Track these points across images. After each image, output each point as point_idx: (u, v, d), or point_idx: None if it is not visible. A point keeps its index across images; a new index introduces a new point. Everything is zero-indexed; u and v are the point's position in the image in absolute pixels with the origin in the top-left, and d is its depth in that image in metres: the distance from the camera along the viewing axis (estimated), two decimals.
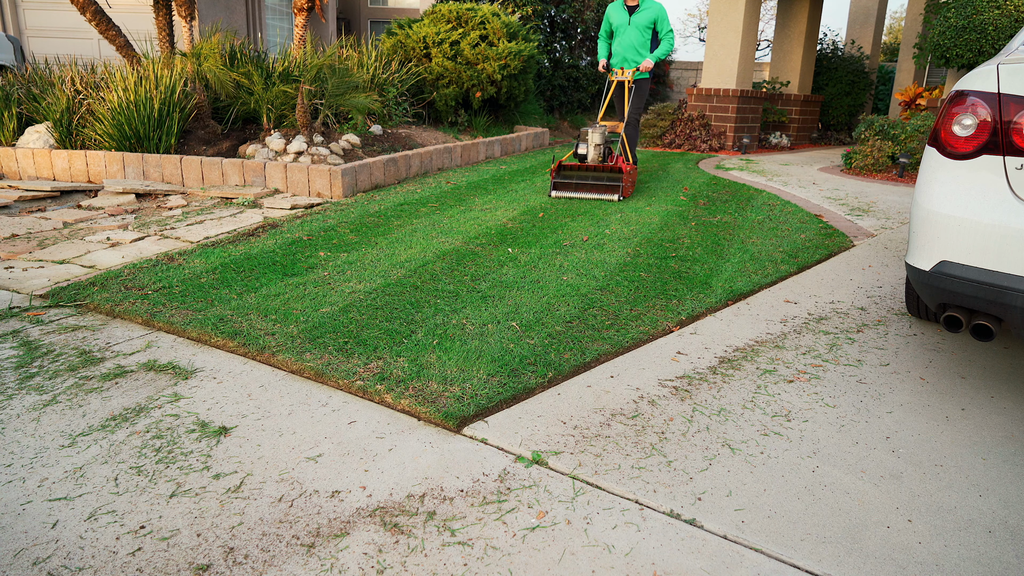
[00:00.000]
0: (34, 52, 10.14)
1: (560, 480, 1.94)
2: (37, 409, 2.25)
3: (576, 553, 1.66)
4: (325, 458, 2.02)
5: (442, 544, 1.68)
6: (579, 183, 5.57)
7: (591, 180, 5.57)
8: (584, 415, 2.29)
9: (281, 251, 3.99)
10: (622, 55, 6.16)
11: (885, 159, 7.75)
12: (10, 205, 4.97)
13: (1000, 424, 2.31)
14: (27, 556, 1.60)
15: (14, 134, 6.07)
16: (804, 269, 4.00)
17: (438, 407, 2.28)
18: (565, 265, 3.84)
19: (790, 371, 2.67)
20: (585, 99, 13.10)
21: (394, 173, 6.25)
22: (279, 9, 12.20)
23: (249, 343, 2.73)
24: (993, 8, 7.42)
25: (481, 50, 8.35)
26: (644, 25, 6.01)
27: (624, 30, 6.09)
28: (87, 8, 6.26)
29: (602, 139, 5.62)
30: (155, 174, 5.69)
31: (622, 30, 6.09)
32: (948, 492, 1.93)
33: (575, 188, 5.58)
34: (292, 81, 6.23)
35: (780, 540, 1.72)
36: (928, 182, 2.41)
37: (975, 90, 2.27)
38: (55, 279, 3.46)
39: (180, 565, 1.59)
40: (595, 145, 5.64)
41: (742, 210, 5.43)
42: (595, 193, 5.43)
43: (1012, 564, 1.66)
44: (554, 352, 2.73)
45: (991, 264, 2.17)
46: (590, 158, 5.72)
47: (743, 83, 9.72)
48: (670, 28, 5.98)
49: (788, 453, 2.11)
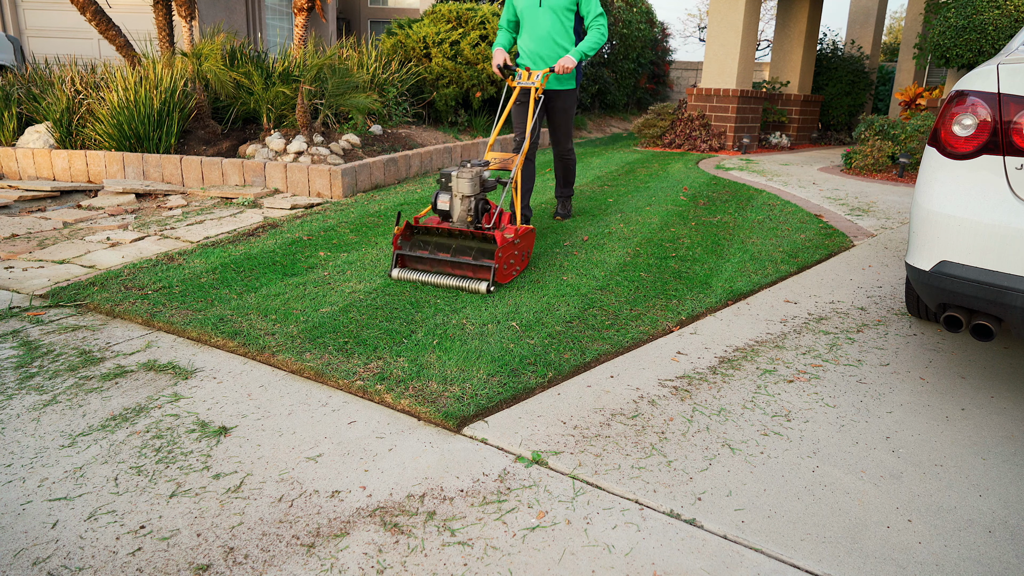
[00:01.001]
0: (34, 52, 10.14)
1: (560, 480, 1.94)
2: (37, 409, 2.25)
3: (576, 553, 1.66)
4: (325, 458, 2.02)
5: (442, 544, 1.68)
6: (433, 258, 3.45)
7: (453, 254, 3.47)
8: (584, 415, 2.29)
9: (281, 251, 3.99)
10: (531, 50, 4.28)
11: (885, 159, 7.75)
12: (10, 205, 4.97)
13: (1000, 424, 2.31)
14: (27, 556, 1.60)
15: (14, 134, 6.07)
16: (804, 269, 4.00)
17: (438, 407, 2.28)
18: (565, 265, 3.84)
19: (790, 371, 2.67)
20: (585, 99, 13.11)
21: (394, 173, 6.25)
22: (279, 9, 12.20)
23: (249, 343, 2.73)
24: (993, 8, 7.42)
25: (481, 50, 8.35)
26: (563, 6, 4.14)
27: (533, 15, 4.19)
28: (87, 8, 6.26)
29: (472, 186, 3.51)
30: (155, 174, 5.69)
31: (531, 15, 4.20)
32: (948, 492, 1.93)
33: (428, 265, 3.49)
34: (292, 81, 6.23)
35: (780, 540, 1.72)
36: (928, 182, 2.41)
37: (975, 90, 2.27)
38: (55, 279, 3.46)
39: (180, 565, 1.59)
40: (462, 196, 3.51)
41: (742, 210, 5.43)
42: (456, 278, 3.36)
43: (1012, 564, 1.66)
44: (554, 352, 2.73)
45: (991, 264, 2.17)
46: (455, 217, 3.56)
47: (743, 83, 9.72)
48: (601, 11, 4.17)
49: (788, 453, 2.11)
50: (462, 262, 3.39)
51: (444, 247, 3.50)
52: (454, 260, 3.41)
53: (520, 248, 3.55)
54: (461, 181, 3.49)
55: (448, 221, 3.60)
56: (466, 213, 3.53)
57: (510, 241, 3.39)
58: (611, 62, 13.98)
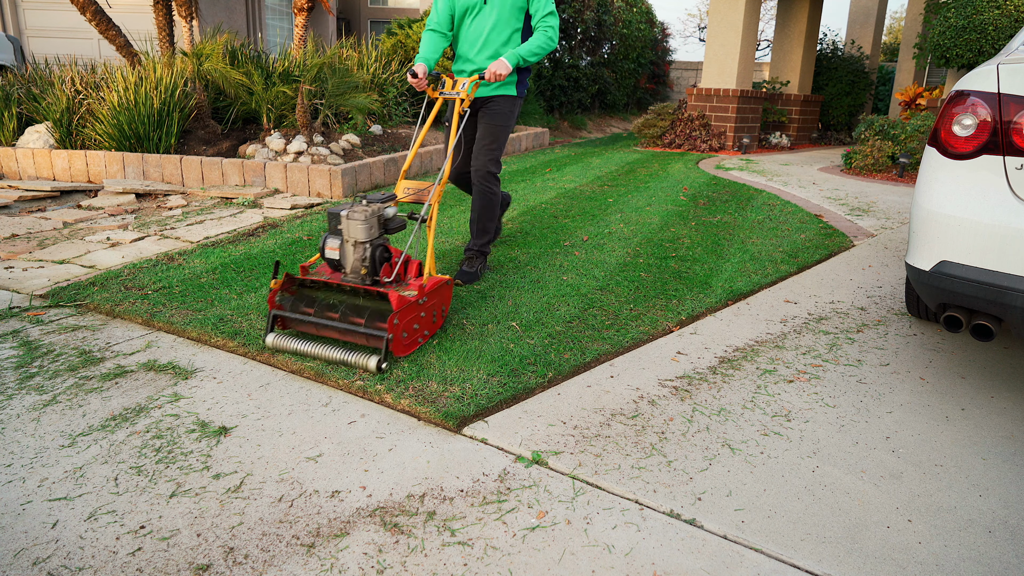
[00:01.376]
0: (34, 52, 10.14)
1: (560, 480, 1.94)
2: (37, 409, 2.25)
3: (576, 553, 1.66)
4: (325, 458, 2.02)
5: (442, 544, 1.68)
6: (318, 322, 2.67)
7: (341, 316, 2.68)
8: (584, 415, 2.29)
9: (281, 251, 3.99)
10: (470, 56, 3.42)
11: (885, 159, 7.75)
12: (10, 205, 4.97)
13: (1000, 424, 2.31)
14: (27, 556, 1.60)
15: (14, 134, 6.07)
16: (804, 269, 4.00)
17: (438, 407, 2.28)
18: (565, 265, 3.85)
19: (790, 371, 2.67)
20: (585, 99, 13.11)
21: (394, 173, 6.25)
22: (279, 9, 12.20)
23: (249, 343, 2.73)
24: (993, 8, 7.42)
25: None
26: (512, 2, 3.34)
27: (474, 13, 3.36)
28: (87, 8, 6.26)
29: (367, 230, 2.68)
30: (155, 174, 5.69)
31: (471, 13, 3.37)
32: (948, 492, 1.93)
33: (313, 330, 2.73)
34: (292, 81, 6.24)
35: (780, 540, 1.72)
36: (928, 182, 2.41)
37: (975, 90, 2.27)
38: (55, 279, 3.46)
39: (180, 565, 1.59)
40: (355, 242, 2.72)
41: (742, 210, 5.43)
42: (340, 349, 2.55)
43: (1012, 564, 1.66)
44: (554, 352, 2.73)
45: (991, 264, 2.17)
46: (348, 267, 2.76)
47: (743, 83, 9.72)
48: (551, 10, 3.35)
49: (788, 453, 2.11)
50: (352, 328, 2.58)
51: (332, 306, 2.71)
52: (342, 325, 2.60)
53: (429, 307, 2.74)
54: (352, 224, 2.67)
55: (338, 271, 2.79)
56: (360, 263, 2.71)
57: (411, 302, 2.57)
58: (611, 62, 13.98)
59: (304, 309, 2.75)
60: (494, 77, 3.14)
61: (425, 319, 2.73)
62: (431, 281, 2.77)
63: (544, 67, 11.49)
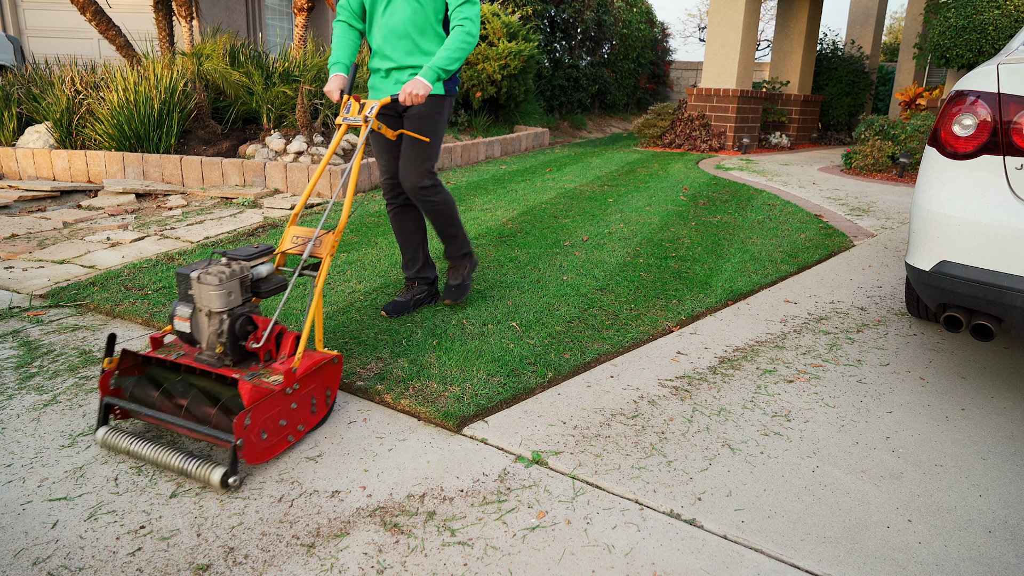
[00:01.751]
0: (34, 52, 10.14)
1: (560, 480, 1.94)
2: (37, 409, 2.25)
3: (576, 553, 1.66)
4: (325, 458, 2.02)
5: (442, 544, 1.68)
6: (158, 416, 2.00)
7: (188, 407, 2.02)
8: (584, 415, 2.29)
9: None
10: (381, 53, 2.83)
11: (885, 159, 7.75)
12: (10, 205, 4.97)
13: (1000, 424, 2.31)
14: (27, 556, 1.60)
15: (14, 134, 6.07)
16: (804, 269, 4.00)
17: (438, 407, 2.28)
18: (565, 265, 3.85)
19: (790, 371, 2.67)
20: (585, 99, 13.11)
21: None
22: (279, 9, 12.20)
23: None
24: (993, 8, 7.42)
25: (481, 50, 8.35)
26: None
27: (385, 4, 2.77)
28: (87, 8, 6.26)
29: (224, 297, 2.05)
30: (155, 174, 5.69)
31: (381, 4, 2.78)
32: (948, 492, 1.93)
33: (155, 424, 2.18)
34: (292, 81, 6.24)
35: (780, 540, 1.72)
36: (928, 182, 2.41)
37: (975, 90, 2.27)
38: (55, 279, 3.46)
39: (180, 565, 1.59)
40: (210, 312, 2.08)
41: (742, 210, 5.44)
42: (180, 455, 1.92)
43: (1012, 564, 1.66)
44: (554, 352, 2.73)
45: (991, 264, 2.17)
46: (203, 342, 2.11)
47: (743, 83, 9.72)
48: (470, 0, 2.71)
49: (788, 453, 2.11)
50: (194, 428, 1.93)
51: (182, 392, 2.04)
52: (182, 423, 1.95)
53: (303, 395, 2.07)
54: (205, 289, 2.02)
55: (197, 346, 2.11)
56: (216, 338, 2.06)
57: (272, 393, 1.93)
58: (611, 62, 13.98)
59: (149, 394, 2.06)
60: (411, 99, 2.59)
61: (298, 411, 2.06)
62: (305, 361, 2.08)
63: (544, 67, 11.49)
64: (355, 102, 2.58)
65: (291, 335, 2.15)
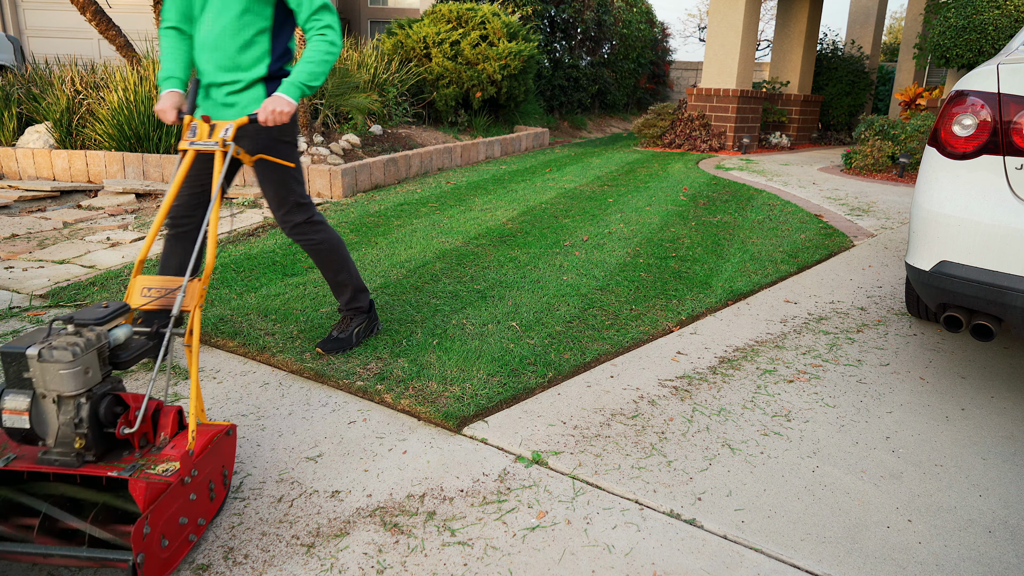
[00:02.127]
0: (34, 52, 10.14)
1: (560, 480, 1.94)
2: None
3: (576, 553, 1.66)
4: (325, 458, 2.02)
5: (442, 544, 1.68)
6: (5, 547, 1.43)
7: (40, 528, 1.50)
8: (584, 415, 2.29)
9: (281, 251, 3.99)
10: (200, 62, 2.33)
11: (885, 159, 7.75)
12: (10, 205, 4.97)
13: (1000, 424, 2.31)
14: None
15: (14, 134, 6.07)
16: (804, 269, 4.00)
17: (438, 407, 2.28)
18: (565, 265, 3.85)
19: (790, 371, 2.67)
20: (585, 99, 13.11)
21: (394, 173, 6.25)
22: None
23: (249, 343, 2.73)
24: (993, 8, 7.42)
25: (481, 50, 8.36)
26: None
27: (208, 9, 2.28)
28: (87, 8, 6.26)
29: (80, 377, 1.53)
30: (155, 174, 5.69)
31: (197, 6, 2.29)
32: (948, 492, 1.93)
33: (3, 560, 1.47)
34: None
35: (780, 540, 1.72)
36: (928, 182, 2.41)
37: (975, 90, 2.27)
38: (55, 279, 3.46)
39: (180, 565, 1.58)
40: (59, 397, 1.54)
41: (742, 210, 5.44)
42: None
43: (1012, 564, 1.66)
44: (554, 352, 2.73)
45: (991, 264, 2.17)
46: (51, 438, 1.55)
47: (743, 83, 9.72)
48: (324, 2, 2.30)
49: (788, 453, 2.11)
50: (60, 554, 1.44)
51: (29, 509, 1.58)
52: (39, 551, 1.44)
53: (200, 482, 1.67)
54: (53, 369, 1.52)
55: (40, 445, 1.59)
56: (72, 431, 1.56)
57: (171, 486, 1.53)
58: (611, 62, 13.98)
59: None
60: (274, 120, 2.18)
61: (197, 502, 1.65)
62: (200, 439, 1.70)
63: (544, 67, 11.49)
64: (203, 123, 2.18)
65: (171, 410, 1.71)
